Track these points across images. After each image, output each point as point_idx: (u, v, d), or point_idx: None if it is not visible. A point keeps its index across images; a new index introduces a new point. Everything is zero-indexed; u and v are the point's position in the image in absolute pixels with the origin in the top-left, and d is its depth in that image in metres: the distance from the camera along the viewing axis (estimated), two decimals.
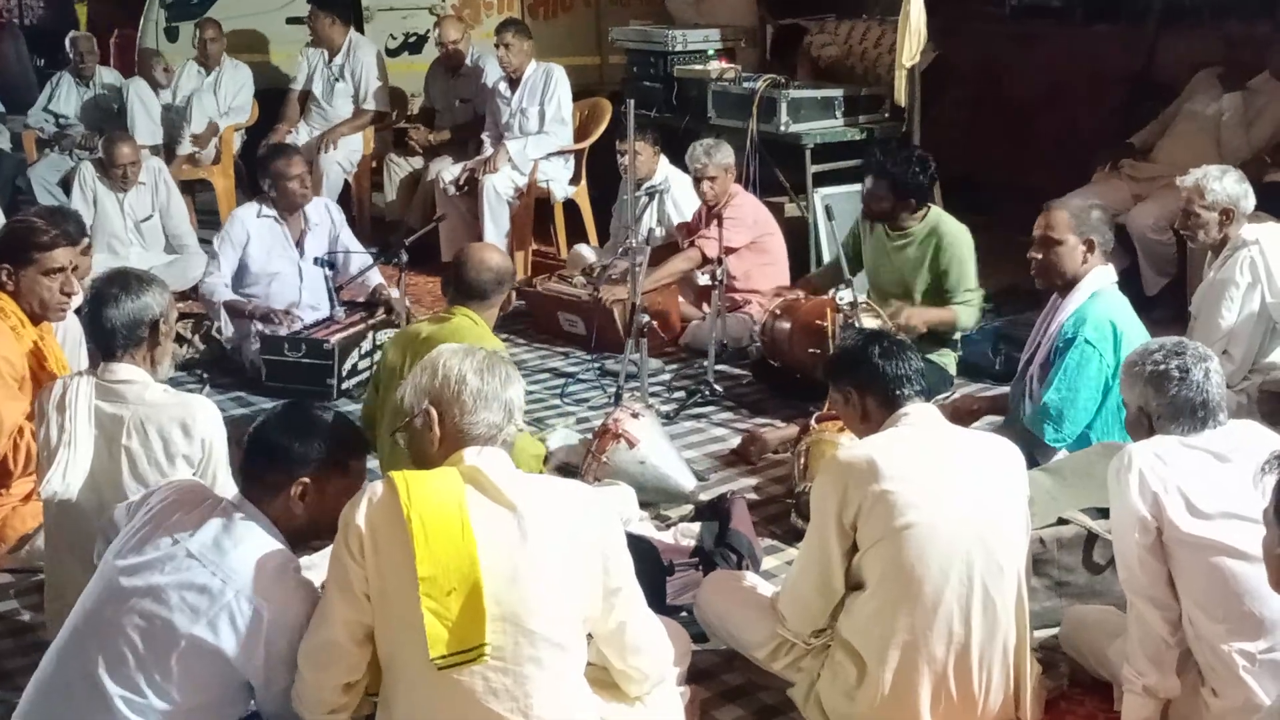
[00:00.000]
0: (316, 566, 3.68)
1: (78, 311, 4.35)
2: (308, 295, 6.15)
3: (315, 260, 6.07)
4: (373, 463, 4.81)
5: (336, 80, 8.49)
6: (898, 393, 3.22)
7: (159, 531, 2.81)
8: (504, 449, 2.74)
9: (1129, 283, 4.46)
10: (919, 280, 5.46)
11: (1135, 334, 4.19)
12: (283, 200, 6.11)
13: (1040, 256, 4.35)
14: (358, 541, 2.62)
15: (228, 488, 3.28)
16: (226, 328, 6.13)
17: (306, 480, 2.88)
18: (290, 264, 6.18)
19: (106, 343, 3.62)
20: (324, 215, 6.32)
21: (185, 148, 8.54)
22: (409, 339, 4.23)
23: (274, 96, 8.78)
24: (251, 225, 6.13)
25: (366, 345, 5.90)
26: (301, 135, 8.40)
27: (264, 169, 6.19)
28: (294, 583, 2.80)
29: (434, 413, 2.73)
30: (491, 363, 2.79)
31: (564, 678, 2.66)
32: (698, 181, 6.31)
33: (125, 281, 3.66)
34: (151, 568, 2.76)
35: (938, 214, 5.55)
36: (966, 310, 5.40)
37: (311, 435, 2.91)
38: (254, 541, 2.79)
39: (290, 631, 2.75)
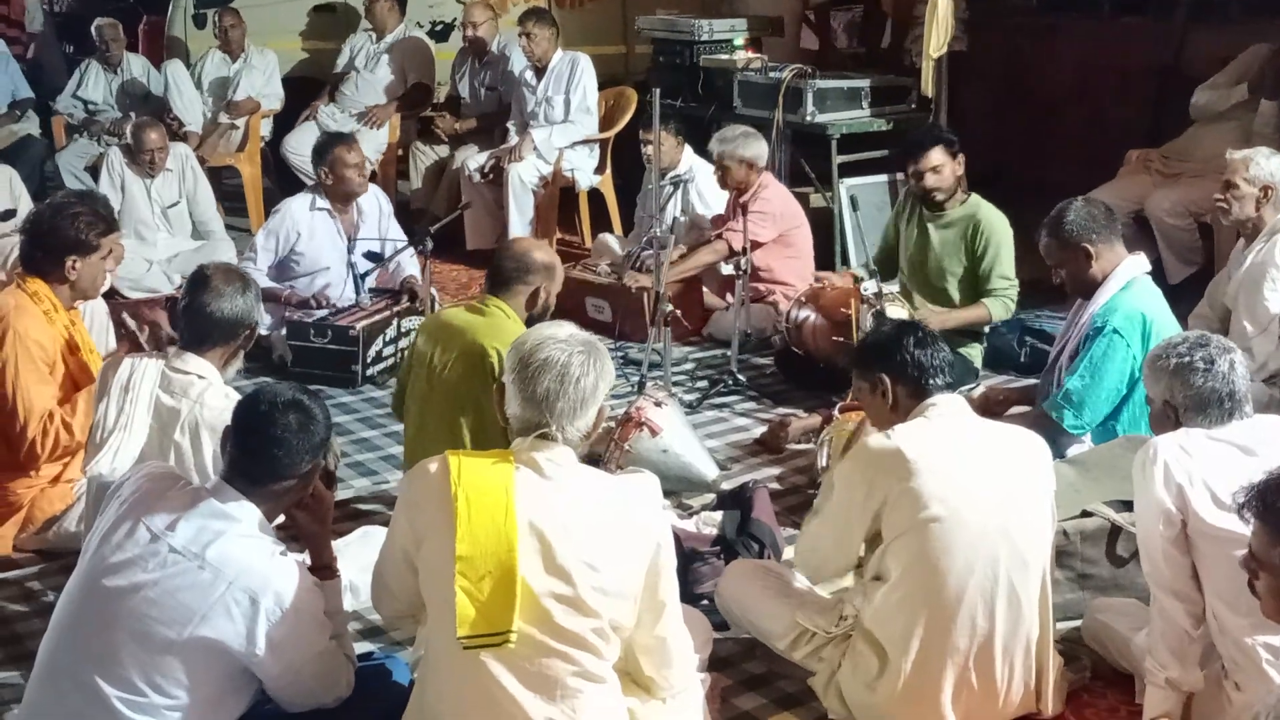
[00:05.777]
0: (341, 553, 3.71)
1: (109, 296, 4.36)
2: (351, 289, 6.07)
3: (365, 254, 6.00)
4: (397, 449, 4.88)
5: (383, 54, 8.45)
6: (929, 383, 3.21)
7: (136, 525, 2.74)
8: (567, 446, 2.71)
9: (1153, 272, 4.45)
10: (955, 265, 5.46)
11: (1166, 327, 4.17)
12: (338, 188, 5.98)
13: (1058, 279, 4.41)
14: (408, 519, 2.70)
15: None
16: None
17: (318, 460, 2.90)
18: (340, 259, 6.07)
19: (200, 331, 3.63)
20: (374, 204, 6.22)
21: (222, 117, 8.57)
22: (440, 326, 4.22)
23: (299, 85, 8.79)
24: (303, 220, 6.00)
25: (391, 332, 5.90)
26: (324, 119, 8.40)
27: (321, 156, 6.02)
28: (287, 568, 2.77)
29: (505, 390, 2.76)
30: (574, 371, 2.68)
31: (592, 675, 2.66)
32: (715, 165, 6.29)
33: (244, 282, 3.69)
34: (134, 565, 2.69)
35: (977, 200, 5.54)
36: (996, 302, 5.39)
37: (309, 425, 2.84)
38: (239, 530, 2.74)
39: (289, 619, 2.71)
